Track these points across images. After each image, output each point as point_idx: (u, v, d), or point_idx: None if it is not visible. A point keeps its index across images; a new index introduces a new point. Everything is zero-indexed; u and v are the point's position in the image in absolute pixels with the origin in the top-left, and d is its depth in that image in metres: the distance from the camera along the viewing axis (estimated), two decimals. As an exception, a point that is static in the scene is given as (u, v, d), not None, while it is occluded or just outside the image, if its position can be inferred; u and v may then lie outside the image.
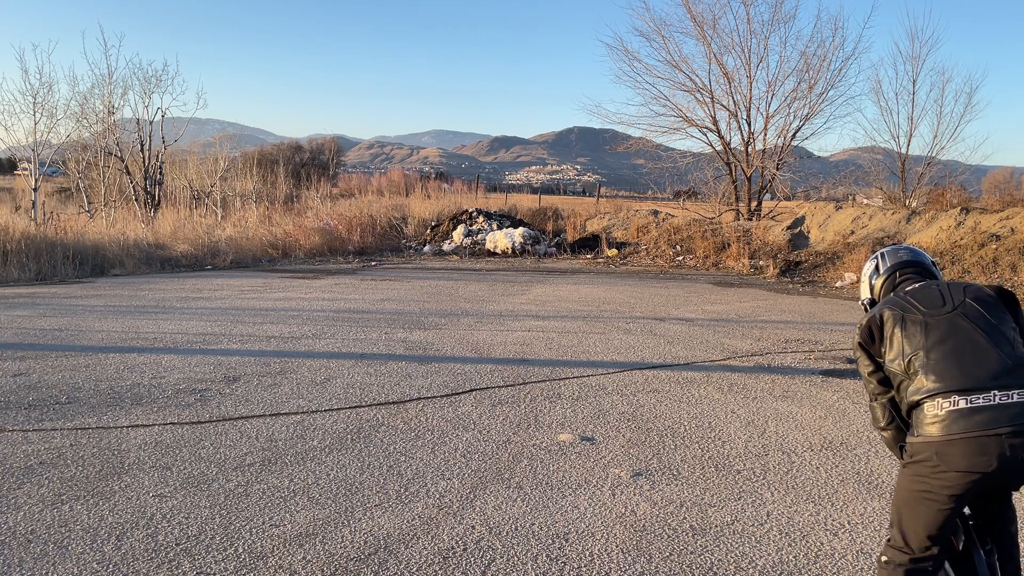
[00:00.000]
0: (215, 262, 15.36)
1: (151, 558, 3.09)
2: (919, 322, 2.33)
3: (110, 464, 4.13)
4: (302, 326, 8.34)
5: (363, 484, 3.94)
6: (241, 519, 3.48)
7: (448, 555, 3.19)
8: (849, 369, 6.87)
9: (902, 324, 2.36)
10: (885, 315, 2.42)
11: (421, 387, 5.89)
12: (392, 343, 7.55)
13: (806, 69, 20.84)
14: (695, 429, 5.00)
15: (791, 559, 3.23)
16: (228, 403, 5.35)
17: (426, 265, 16.57)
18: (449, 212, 22.00)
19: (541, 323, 9.00)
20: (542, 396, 5.71)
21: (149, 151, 20.63)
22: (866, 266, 2.80)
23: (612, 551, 3.25)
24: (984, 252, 13.29)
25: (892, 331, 2.38)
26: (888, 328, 2.39)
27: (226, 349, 7.13)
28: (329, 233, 18.69)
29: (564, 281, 13.72)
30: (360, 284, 12.65)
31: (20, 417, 4.91)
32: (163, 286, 11.83)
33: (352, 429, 4.83)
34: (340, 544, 3.27)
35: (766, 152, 21.56)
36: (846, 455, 4.55)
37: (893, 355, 2.35)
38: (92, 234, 15.15)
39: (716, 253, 17.12)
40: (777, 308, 10.83)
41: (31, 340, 7.31)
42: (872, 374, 2.48)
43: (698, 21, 21.26)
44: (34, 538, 3.24)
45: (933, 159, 23.43)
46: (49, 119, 18.96)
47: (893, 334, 2.37)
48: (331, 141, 55.72)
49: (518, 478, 4.07)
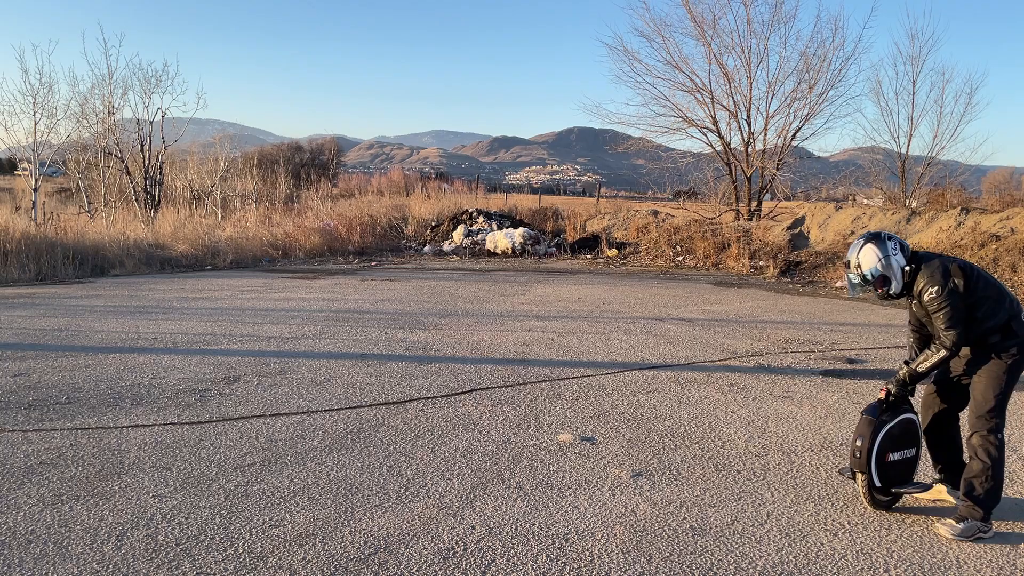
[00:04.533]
0: (215, 262, 15.36)
1: (151, 558, 3.09)
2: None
3: (110, 464, 4.13)
4: (302, 326, 8.34)
5: (363, 484, 3.94)
6: (241, 519, 3.48)
7: (448, 555, 3.19)
8: (849, 369, 6.87)
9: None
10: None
11: (421, 387, 5.89)
12: (392, 343, 7.55)
13: (806, 69, 20.85)
14: (695, 429, 5.00)
15: (791, 559, 3.23)
16: (228, 403, 5.35)
17: (426, 265, 16.57)
18: (449, 212, 22.00)
19: (541, 323, 9.00)
20: (542, 396, 5.71)
21: (149, 151, 20.63)
22: (881, 247, 3.60)
23: (612, 551, 3.25)
24: (984, 252, 13.28)
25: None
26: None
27: (226, 349, 7.13)
28: (329, 233, 18.68)
29: (564, 281, 13.72)
30: (360, 284, 12.65)
31: (20, 417, 4.91)
32: (163, 286, 11.82)
33: (352, 429, 4.83)
34: (340, 544, 3.26)
35: (766, 152, 21.56)
36: (846, 455, 4.55)
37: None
38: (92, 234, 15.14)
39: (716, 253, 17.11)
40: (777, 308, 10.83)
41: (31, 340, 7.31)
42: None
43: (698, 21, 21.27)
44: (34, 538, 3.24)
45: (933, 159, 23.44)
46: (49, 119, 18.97)
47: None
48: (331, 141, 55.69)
49: (518, 478, 4.07)
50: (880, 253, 3.57)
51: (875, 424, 3.61)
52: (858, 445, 3.62)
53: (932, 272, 3.51)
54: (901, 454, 3.66)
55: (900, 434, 3.66)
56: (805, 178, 24.02)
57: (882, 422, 3.62)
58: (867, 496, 3.69)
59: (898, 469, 3.66)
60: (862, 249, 3.62)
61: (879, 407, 3.66)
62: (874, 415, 3.64)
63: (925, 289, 3.50)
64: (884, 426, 3.61)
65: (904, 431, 3.68)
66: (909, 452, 3.69)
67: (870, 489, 3.66)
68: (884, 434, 3.60)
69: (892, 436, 3.62)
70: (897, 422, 3.65)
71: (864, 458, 3.59)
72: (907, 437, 3.69)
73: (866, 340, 8.39)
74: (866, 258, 3.59)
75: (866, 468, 3.60)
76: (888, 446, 3.61)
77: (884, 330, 9.12)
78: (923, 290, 3.51)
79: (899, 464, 3.66)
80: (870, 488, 3.65)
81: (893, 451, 3.63)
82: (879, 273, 3.58)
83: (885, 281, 3.59)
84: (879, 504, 3.71)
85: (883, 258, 3.57)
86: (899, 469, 3.67)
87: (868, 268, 3.59)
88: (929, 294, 3.48)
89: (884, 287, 3.60)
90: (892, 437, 3.62)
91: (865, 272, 3.60)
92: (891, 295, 3.64)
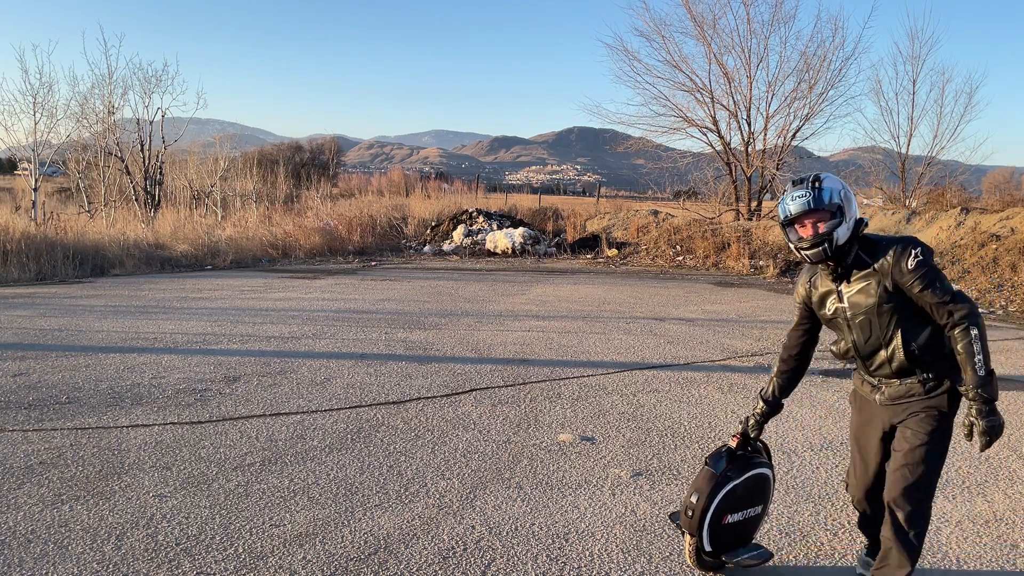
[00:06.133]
0: (215, 262, 15.36)
1: (151, 558, 3.09)
2: None
3: (110, 464, 4.13)
4: (302, 326, 8.34)
5: (363, 484, 3.94)
6: (241, 519, 3.48)
7: (448, 555, 3.19)
8: (849, 369, 6.87)
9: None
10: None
11: (421, 387, 5.89)
12: (392, 343, 7.55)
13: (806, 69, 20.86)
14: (695, 429, 5.00)
15: (791, 559, 3.23)
16: (228, 403, 5.35)
17: (426, 265, 16.57)
18: (449, 212, 22.00)
19: (541, 323, 9.00)
20: (542, 396, 5.71)
21: (149, 151, 20.62)
22: (845, 186, 2.64)
23: (612, 551, 3.25)
24: (984, 252, 13.29)
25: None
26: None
27: (226, 349, 7.13)
28: (329, 233, 18.68)
29: (564, 281, 13.72)
30: (360, 284, 12.64)
31: (20, 417, 4.91)
32: (163, 286, 11.82)
33: (352, 429, 4.83)
34: (340, 544, 3.26)
35: (766, 152, 21.57)
36: (846, 455, 4.54)
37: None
38: (92, 234, 15.14)
39: (716, 253, 17.11)
40: (777, 308, 10.83)
41: (31, 340, 7.30)
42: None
43: (698, 21, 21.28)
44: (34, 538, 3.24)
45: (933, 159, 23.45)
46: (49, 119, 18.97)
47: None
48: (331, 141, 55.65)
49: (518, 478, 4.07)
50: (843, 187, 2.62)
51: (716, 480, 2.88)
52: (692, 502, 2.89)
53: (905, 239, 2.59)
54: (743, 514, 2.95)
55: (745, 493, 2.93)
56: (805, 178, 24.00)
57: (726, 478, 2.88)
58: (692, 558, 3.05)
59: (737, 531, 2.97)
60: (823, 173, 2.68)
61: (727, 457, 2.93)
62: (716, 467, 2.91)
63: (905, 256, 2.53)
64: (727, 483, 2.88)
65: (751, 489, 2.95)
66: (753, 511, 2.99)
67: (698, 552, 3.02)
68: (725, 493, 2.88)
69: (735, 496, 2.90)
70: (744, 480, 2.92)
71: (696, 519, 2.88)
72: (755, 494, 2.98)
73: (866, 340, 8.39)
74: (831, 179, 2.63)
75: (696, 530, 2.90)
76: (728, 506, 2.89)
77: (884, 330, 9.12)
78: (900, 259, 2.53)
79: (738, 526, 2.96)
80: (698, 552, 3.01)
81: (733, 512, 2.91)
82: (837, 200, 2.57)
83: (837, 217, 2.57)
84: (707, 566, 3.05)
85: (846, 190, 2.62)
86: (738, 531, 2.98)
87: (828, 186, 2.59)
88: (914, 258, 2.51)
89: (830, 223, 2.56)
90: (735, 497, 2.90)
91: (824, 190, 2.57)
92: (829, 241, 2.56)
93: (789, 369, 2.99)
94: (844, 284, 2.68)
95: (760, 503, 3.01)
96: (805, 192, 2.59)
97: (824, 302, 2.77)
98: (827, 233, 2.56)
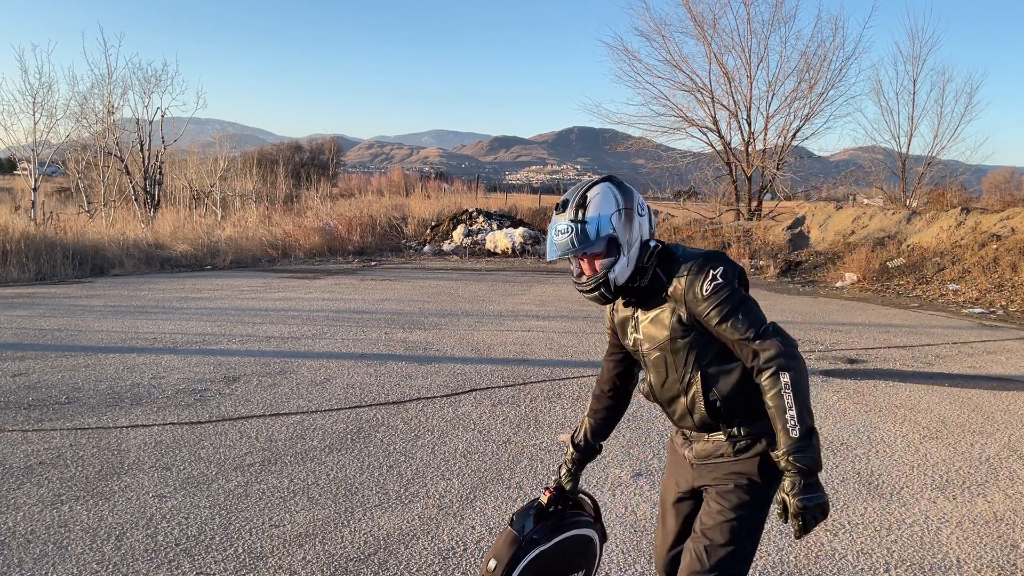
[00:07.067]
0: (215, 262, 15.36)
1: (151, 558, 3.09)
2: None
3: (110, 464, 4.12)
4: (302, 326, 8.34)
5: (363, 484, 3.94)
6: (241, 519, 3.48)
7: (448, 555, 3.19)
8: (849, 369, 6.87)
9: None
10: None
11: (421, 387, 5.89)
12: (392, 343, 7.55)
13: (806, 69, 20.89)
14: (695, 429, 5.00)
15: (791, 559, 3.23)
16: (228, 403, 5.35)
17: (426, 265, 16.57)
18: (449, 212, 22.01)
19: (541, 323, 9.00)
20: (542, 396, 5.71)
21: (149, 151, 20.63)
22: (627, 196, 1.99)
23: (612, 551, 3.25)
24: (984, 252, 13.29)
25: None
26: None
27: (226, 349, 7.13)
28: (329, 233, 18.69)
29: (564, 281, 13.71)
30: (360, 284, 12.64)
31: (20, 417, 4.90)
32: (163, 286, 11.82)
33: (352, 429, 4.83)
34: (340, 544, 3.26)
35: (766, 152, 21.58)
36: (846, 455, 4.55)
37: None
38: (92, 234, 15.15)
39: (716, 253, 17.11)
40: (777, 308, 10.82)
41: (31, 340, 7.30)
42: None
43: (698, 21, 21.31)
44: (34, 538, 3.24)
45: (933, 159, 23.45)
46: (49, 119, 18.98)
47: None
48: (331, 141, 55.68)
49: (518, 478, 4.07)
50: (623, 201, 1.96)
51: (520, 544, 2.20)
52: (490, 569, 2.20)
53: (706, 255, 1.99)
54: None
55: (558, 559, 2.27)
56: (805, 178, 24.05)
57: (532, 542, 2.22)
58: None
59: None
60: (595, 186, 1.98)
61: (535, 515, 2.26)
62: (521, 529, 2.23)
63: (701, 278, 1.91)
64: (533, 548, 2.21)
65: (566, 553, 2.30)
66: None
67: None
68: (530, 561, 2.19)
69: (542, 563, 2.21)
70: (555, 544, 2.25)
71: None
72: (571, 561, 2.34)
73: (866, 340, 8.39)
74: (600, 200, 1.95)
75: None
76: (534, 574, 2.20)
77: (884, 330, 9.12)
78: (695, 281, 1.91)
79: None
80: None
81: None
82: (608, 232, 1.93)
83: (611, 249, 1.95)
84: None
85: (624, 210, 1.96)
86: None
87: (597, 214, 1.93)
88: (710, 280, 1.90)
89: (607, 259, 1.96)
90: (542, 564, 2.21)
91: (589, 219, 1.93)
92: (606, 283, 1.97)
93: (603, 407, 2.32)
94: (641, 311, 2.07)
95: (581, 570, 2.38)
96: (567, 228, 1.95)
97: (625, 330, 2.16)
98: (601, 276, 1.98)
